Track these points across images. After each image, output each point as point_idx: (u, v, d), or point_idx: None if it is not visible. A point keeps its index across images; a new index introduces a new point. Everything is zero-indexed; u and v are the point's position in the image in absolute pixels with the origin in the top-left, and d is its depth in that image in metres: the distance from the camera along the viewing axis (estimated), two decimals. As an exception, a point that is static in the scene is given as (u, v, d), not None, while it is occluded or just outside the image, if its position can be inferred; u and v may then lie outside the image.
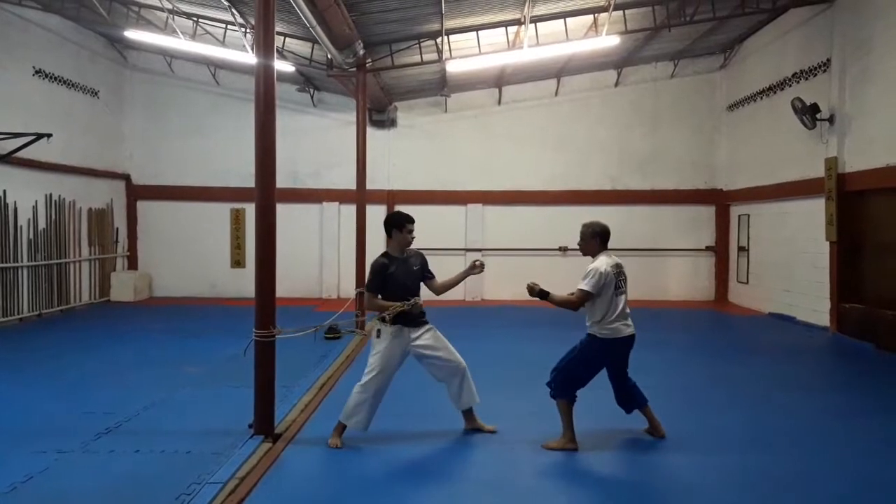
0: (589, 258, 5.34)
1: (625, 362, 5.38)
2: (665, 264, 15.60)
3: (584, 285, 5.08)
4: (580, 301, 5.12)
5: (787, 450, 5.31)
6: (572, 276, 5.38)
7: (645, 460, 5.08)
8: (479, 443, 5.38)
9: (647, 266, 15.42)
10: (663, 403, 6.61)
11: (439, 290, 5.53)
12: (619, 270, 5.23)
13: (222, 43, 12.24)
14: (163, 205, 15.71)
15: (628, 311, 5.25)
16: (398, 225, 5.40)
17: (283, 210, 6.04)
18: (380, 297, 5.32)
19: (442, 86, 14.80)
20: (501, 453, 5.15)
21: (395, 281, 5.30)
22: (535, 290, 5.14)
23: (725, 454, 5.19)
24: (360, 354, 9.08)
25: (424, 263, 5.57)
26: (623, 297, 5.20)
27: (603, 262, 5.17)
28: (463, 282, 5.70)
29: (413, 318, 5.30)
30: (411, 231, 5.44)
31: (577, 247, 5.45)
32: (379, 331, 5.28)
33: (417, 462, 5.00)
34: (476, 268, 5.44)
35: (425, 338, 5.35)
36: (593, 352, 5.21)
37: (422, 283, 5.52)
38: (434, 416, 5.68)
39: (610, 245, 5.43)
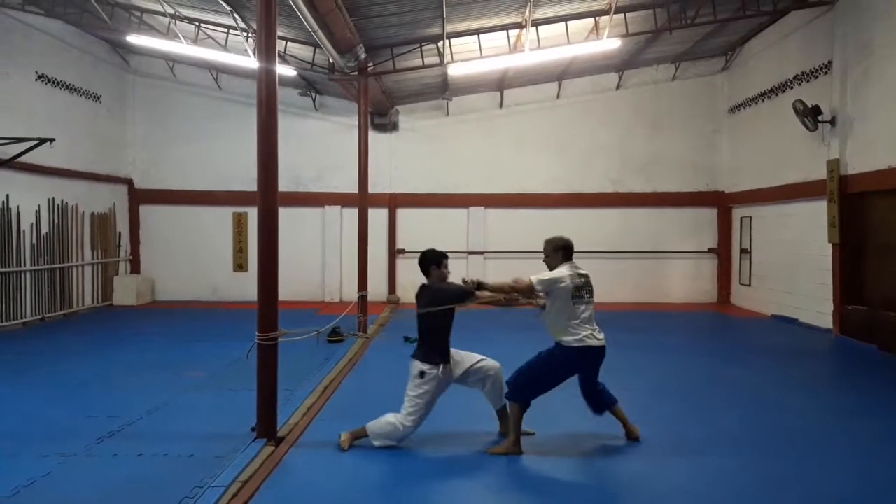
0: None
1: (594, 371, 5.31)
2: (667, 267, 15.59)
3: (534, 279, 5.05)
4: (519, 288, 5.07)
5: (789, 451, 5.31)
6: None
7: (644, 461, 5.07)
8: (480, 446, 5.36)
9: (649, 269, 15.42)
10: (666, 405, 6.62)
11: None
12: (583, 281, 5.17)
13: (224, 47, 12.27)
14: (165, 209, 15.73)
15: (594, 321, 5.18)
16: (437, 262, 5.43)
17: (285, 214, 6.06)
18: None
19: (444, 89, 14.83)
20: (500, 457, 5.12)
21: (451, 313, 5.31)
22: (471, 285, 5.18)
23: (727, 455, 5.18)
24: (362, 357, 9.09)
25: None
26: (584, 307, 5.12)
27: (562, 271, 5.14)
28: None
29: (447, 353, 5.30)
30: (447, 266, 5.48)
31: (544, 262, 5.40)
32: (423, 372, 5.18)
33: (419, 465, 5.00)
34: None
35: (458, 362, 5.38)
36: (557, 359, 5.17)
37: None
38: (437, 419, 5.65)
39: (613, 247, 5.42)
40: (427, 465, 5.02)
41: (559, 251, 5.30)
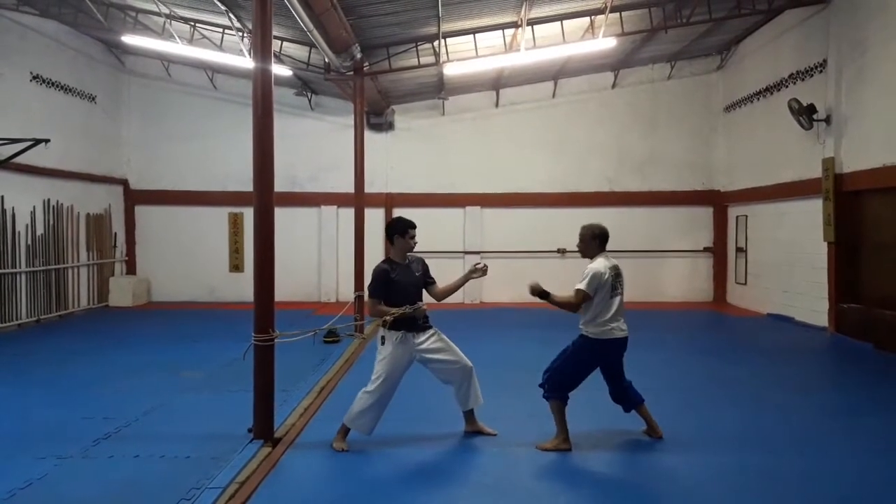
0: (587, 260, 5.35)
1: (619, 363, 5.41)
2: (663, 265, 15.62)
3: (581, 286, 5.13)
4: (578, 302, 5.16)
5: (785, 450, 5.32)
6: (571, 278, 5.40)
7: (643, 461, 5.08)
8: (479, 445, 5.37)
9: (645, 267, 15.43)
10: (662, 404, 6.62)
11: (440, 295, 5.55)
12: (616, 272, 5.27)
13: (220, 47, 12.25)
14: (161, 209, 15.70)
15: (623, 313, 5.28)
16: (401, 231, 5.38)
17: (281, 214, 6.05)
18: (382, 302, 5.30)
19: (439, 89, 14.83)
20: (501, 455, 5.15)
21: (398, 287, 5.28)
22: (536, 290, 5.17)
23: (724, 454, 5.19)
24: (359, 358, 9.09)
25: (426, 269, 5.57)
26: (618, 298, 5.23)
27: (600, 264, 5.21)
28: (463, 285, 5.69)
29: (417, 324, 5.29)
30: (413, 237, 5.43)
31: (577, 248, 5.47)
32: (383, 337, 5.25)
33: (418, 465, 5.00)
34: (477, 271, 5.41)
35: (430, 342, 5.34)
36: (585, 352, 5.24)
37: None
38: (434, 419, 5.68)
39: (608, 247, 5.45)
40: (424, 465, 5.02)
41: (596, 239, 5.36)
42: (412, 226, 5.42)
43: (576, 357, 5.26)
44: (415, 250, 5.51)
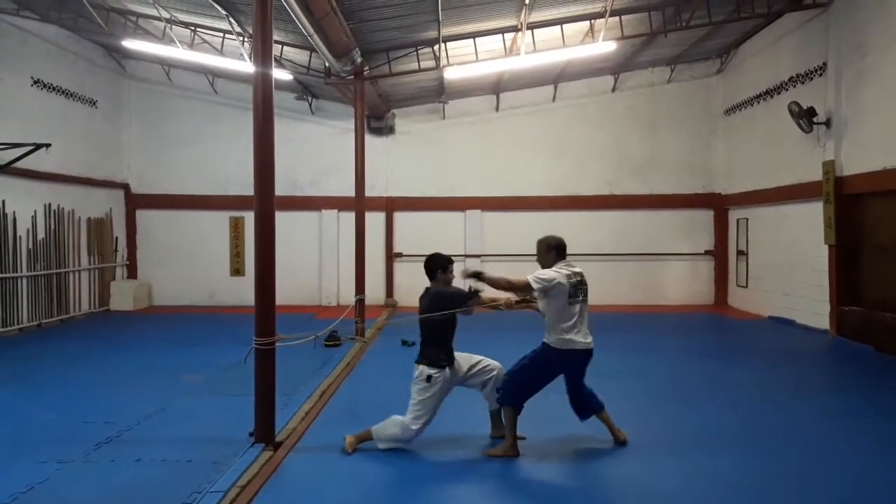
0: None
1: (581, 374, 5.31)
2: (664, 268, 15.61)
3: (531, 278, 5.07)
4: (519, 285, 5.10)
5: (786, 452, 5.32)
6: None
7: (644, 463, 5.07)
8: (479, 449, 5.36)
9: (645, 270, 15.45)
10: (663, 406, 6.63)
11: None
12: (578, 280, 5.16)
13: (220, 52, 12.28)
14: (162, 214, 15.72)
15: (586, 322, 5.19)
16: (442, 267, 5.43)
17: (282, 218, 6.06)
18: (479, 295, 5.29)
19: (440, 93, 14.85)
20: (502, 460, 5.12)
21: (454, 315, 5.32)
22: (469, 273, 5.17)
23: (725, 456, 5.19)
24: (360, 361, 9.08)
25: None
26: (579, 306, 5.13)
27: (553, 271, 5.14)
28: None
29: (451, 356, 5.32)
30: (453, 271, 5.49)
31: (537, 262, 5.40)
32: (430, 376, 5.19)
33: (419, 469, 5.00)
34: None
35: (465, 364, 5.40)
36: (545, 361, 5.19)
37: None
38: (435, 423, 5.65)
39: (609, 249, 5.44)
40: (426, 468, 5.02)
41: (552, 250, 5.31)
42: (451, 261, 5.49)
43: (533, 364, 5.22)
44: (418, 253, 5.52)
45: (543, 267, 5.30)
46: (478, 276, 5.16)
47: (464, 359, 5.45)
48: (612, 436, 5.42)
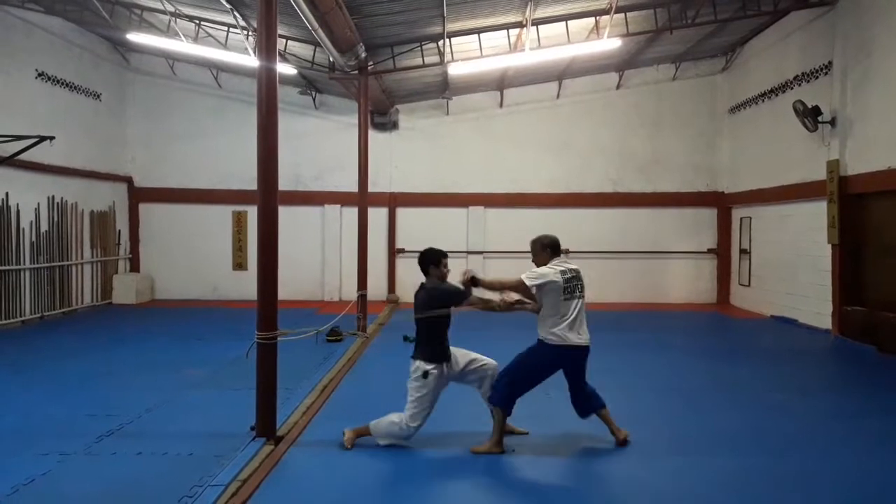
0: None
1: (580, 371, 5.29)
2: (666, 267, 15.59)
3: (523, 276, 5.10)
4: (511, 285, 5.12)
5: (788, 451, 5.31)
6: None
7: (645, 463, 5.07)
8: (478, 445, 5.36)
9: (648, 269, 15.42)
10: (665, 405, 6.62)
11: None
12: (572, 276, 5.17)
13: (224, 46, 12.26)
14: (165, 207, 15.73)
15: (583, 319, 5.19)
16: (435, 261, 5.39)
17: (285, 213, 6.05)
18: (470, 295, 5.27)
19: (444, 88, 14.82)
20: (501, 457, 5.13)
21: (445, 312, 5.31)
22: (468, 280, 5.17)
23: (725, 456, 5.19)
24: (361, 356, 9.09)
25: None
26: (574, 302, 5.13)
27: (547, 268, 5.16)
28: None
29: (447, 352, 5.31)
30: (446, 265, 5.44)
31: (532, 262, 5.40)
32: (427, 372, 5.18)
33: (417, 465, 5.00)
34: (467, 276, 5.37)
35: (460, 360, 5.38)
36: (539, 357, 5.19)
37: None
38: (437, 418, 5.66)
39: (612, 247, 5.43)
40: (425, 464, 5.02)
41: (546, 249, 5.32)
42: (445, 255, 5.45)
43: (528, 360, 5.22)
44: (416, 249, 5.51)
45: (538, 265, 5.31)
46: (474, 282, 5.17)
47: (461, 354, 5.44)
48: (613, 435, 5.40)
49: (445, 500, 4.44)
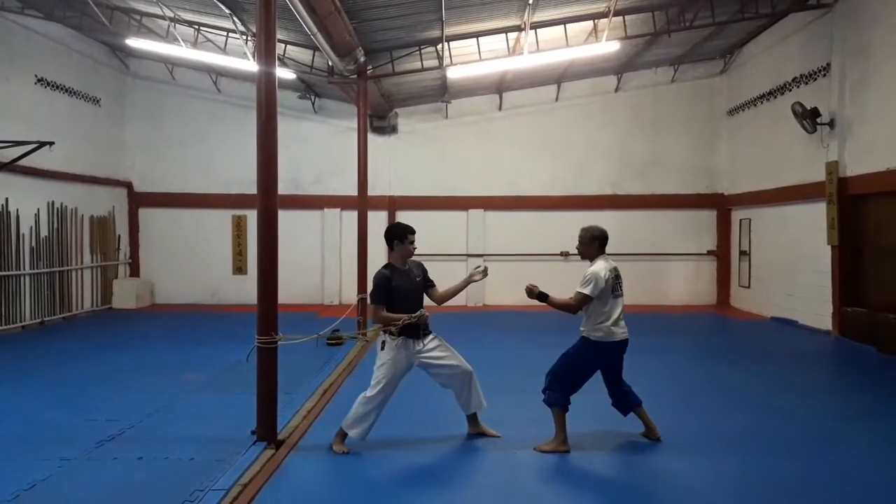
0: (588, 262, 5.35)
1: (619, 366, 5.41)
2: (666, 269, 15.60)
3: (583, 289, 5.13)
4: (578, 304, 5.16)
5: (788, 453, 5.30)
6: (573, 280, 5.38)
7: (646, 463, 5.07)
8: (482, 448, 5.37)
9: (648, 270, 15.42)
10: (664, 407, 6.61)
11: (440, 299, 5.53)
12: (616, 274, 5.29)
13: (223, 51, 12.28)
14: (165, 212, 15.74)
15: (623, 314, 5.29)
16: (400, 236, 5.35)
17: (284, 217, 6.06)
18: (385, 309, 5.23)
19: (443, 92, 14.85)
20: (503, 458, 5.14)
21: (400, 292, 5.26)
22: (534, 293, 5.19)
23: (726, 457, 5.19)
24: (362, 360, 9.08)
25: (425, 273, 5.56)
26: (620, 300, 5.26)
27: (601, 267, 5.21)
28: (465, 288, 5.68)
29: (418, 330, 5.28)
30: (413, 242, 5.39)
31: (577, 251, 5.48)
32: (384, 342, 5.23)
33: (420, 468, 5.00)
34: (478, 274, 5.41)
35: (431, 348, 5.33)
36: (586, 355, 5.26)
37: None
38: (436, 422, 5.68)
39: (612, 250, 5.46)
40: (426, 467, 5.02)
41: (595, 241, 5.37)
42: (411, 231, 5.39)
43: (577, 359, 5.28)
44: (418, 253, 5.50)
45: (584, 256, 5.39)
46: (543, 299, 5.18)
47: (438, 344, 5.37)
48: (648, 432, 5.51)
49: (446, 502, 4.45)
